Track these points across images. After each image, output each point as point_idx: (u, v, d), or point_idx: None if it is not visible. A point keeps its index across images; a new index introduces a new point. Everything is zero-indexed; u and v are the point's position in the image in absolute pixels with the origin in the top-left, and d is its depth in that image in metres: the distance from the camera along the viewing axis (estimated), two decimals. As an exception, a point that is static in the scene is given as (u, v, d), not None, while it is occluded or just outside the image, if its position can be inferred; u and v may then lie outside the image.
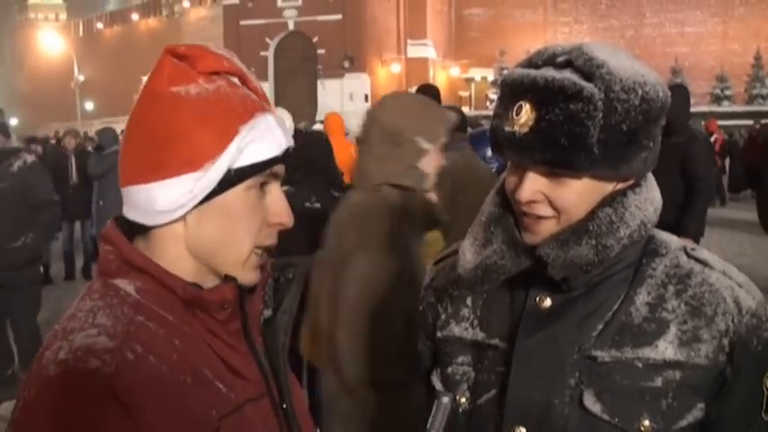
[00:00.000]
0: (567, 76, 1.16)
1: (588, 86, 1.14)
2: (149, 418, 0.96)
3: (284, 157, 1.13)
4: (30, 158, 5.53)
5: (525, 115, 1.17)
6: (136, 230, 1.12)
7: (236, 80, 1.13)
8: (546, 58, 1.23)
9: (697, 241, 5.97)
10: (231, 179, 1.07)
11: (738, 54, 52.33)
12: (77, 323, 1.02)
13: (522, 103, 1.18)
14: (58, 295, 5.57)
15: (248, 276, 1.14)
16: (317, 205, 3.91)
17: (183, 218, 1.08)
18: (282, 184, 1.18)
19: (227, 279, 1.12)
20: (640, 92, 1.17)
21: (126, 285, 1.07)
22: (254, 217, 1.11)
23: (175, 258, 1.10)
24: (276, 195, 1.14)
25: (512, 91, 1.21)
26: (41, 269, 5.85)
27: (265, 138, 1.10)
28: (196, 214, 1.08)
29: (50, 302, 6.04)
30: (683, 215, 5.66)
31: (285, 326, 1.23)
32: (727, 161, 21.46)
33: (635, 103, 1.16)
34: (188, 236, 1.09)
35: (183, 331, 1.07)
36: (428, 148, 2.39)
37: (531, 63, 1.25)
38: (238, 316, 1.15)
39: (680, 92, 5.92)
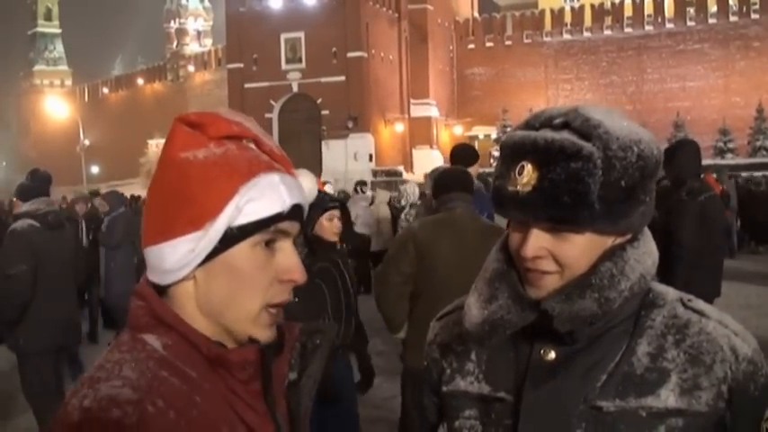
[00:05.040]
0: (566, 136, 1.21)
1: (587, 146, 1.19)
2: None
3: (293, 215, 1.14)
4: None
5: (527, 175, 1.22)
6: (157, 290, 1.14)
7: (251, 143, 1.16)
8: (543, 121, 1.28)
9: (711, 300, 5.72)
10: (234, 236, 1.10)
11: (741, 107, 52.76)
12: (104, 373, 1.05)
13: (524, 163, 1.23)
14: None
15: (261, 334, 1.14)
16: None
17: (193, 277, 1.11)
18: None
19: (251, 341, 1.15)
20: (636, 149, 1.21)
21: (153, 341, 1.11)
22: (261, 274, 1.12)
23: (190, 317, 1.13)
24: (287, 252, 1.15)
25: (513, 152, 1.26)
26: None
27: (265, 195, 1.11)
28: (204, 272, 1.11)
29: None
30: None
31: (309, 390, 1.26)
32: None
33: (632, 160, 1.21)
34: (198, 294, 1.12)
35: (205, 389, 1.10)
36: None
37: (528, 125, 1.29)
38: (259, 377, 1.17)
39: (689, 147, 5.81)
